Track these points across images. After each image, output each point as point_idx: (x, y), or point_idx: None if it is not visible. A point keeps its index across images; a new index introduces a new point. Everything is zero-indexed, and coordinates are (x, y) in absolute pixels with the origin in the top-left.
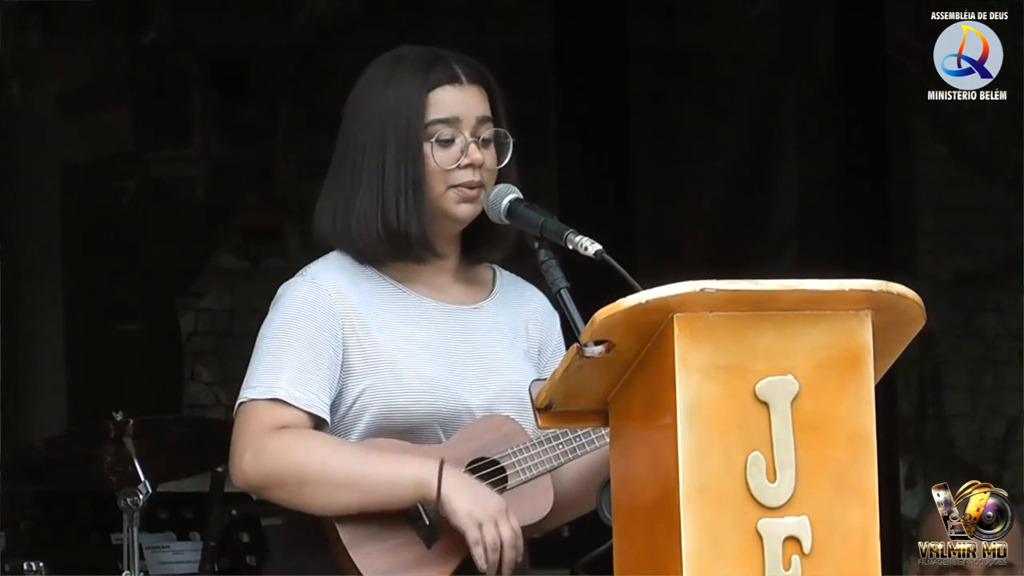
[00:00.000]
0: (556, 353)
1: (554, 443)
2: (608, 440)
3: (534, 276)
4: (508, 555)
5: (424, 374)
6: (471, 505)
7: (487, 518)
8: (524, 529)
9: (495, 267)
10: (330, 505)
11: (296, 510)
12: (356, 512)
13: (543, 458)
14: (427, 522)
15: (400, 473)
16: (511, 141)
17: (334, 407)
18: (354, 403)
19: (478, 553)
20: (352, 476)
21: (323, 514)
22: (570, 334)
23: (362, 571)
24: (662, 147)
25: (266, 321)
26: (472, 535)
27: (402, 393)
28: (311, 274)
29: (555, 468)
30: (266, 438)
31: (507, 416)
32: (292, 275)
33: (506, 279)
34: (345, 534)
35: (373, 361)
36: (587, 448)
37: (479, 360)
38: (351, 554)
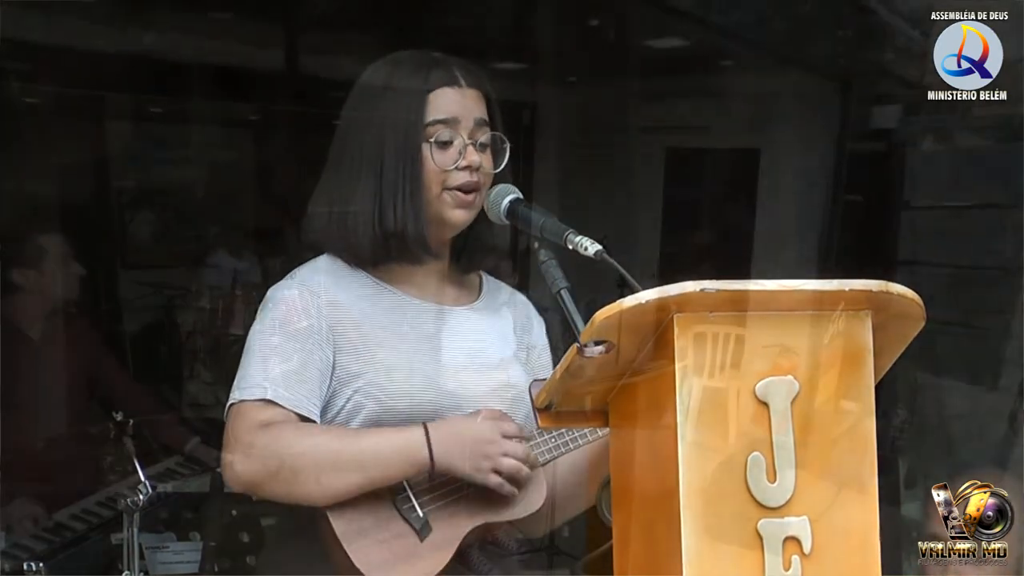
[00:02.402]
0: (542, 355)
1: (546, 437)
2: (600, 434)
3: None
4: (524, 474)
5: (415, 371)
6: (469, 459)
7: (489, 463)
8: (519, 523)
9: (481, 273)
10: (326, 489)
11: (295, 503)
12: (353, 494)
13: (535, 452)
14: (420, 514)
15: (388, 445)
16: (507, 146)
17: (328, 408)
18: (347, 403)
19: (508, 492)
20: (343, 456)
21: (320, 501)
22: (570, 334)
23: (356, 564)
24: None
25: (255, 324)
26: (493, 483)
27: (394, 390)
28: (299, 277)
29: (547, 462)
30: (254, 436)
31: (500, 411)
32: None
33: (491, 284)
34: (339, 527)
35: (364, 360)
36: (579, 442)
37: (470, 358)
38: (345, 547)
